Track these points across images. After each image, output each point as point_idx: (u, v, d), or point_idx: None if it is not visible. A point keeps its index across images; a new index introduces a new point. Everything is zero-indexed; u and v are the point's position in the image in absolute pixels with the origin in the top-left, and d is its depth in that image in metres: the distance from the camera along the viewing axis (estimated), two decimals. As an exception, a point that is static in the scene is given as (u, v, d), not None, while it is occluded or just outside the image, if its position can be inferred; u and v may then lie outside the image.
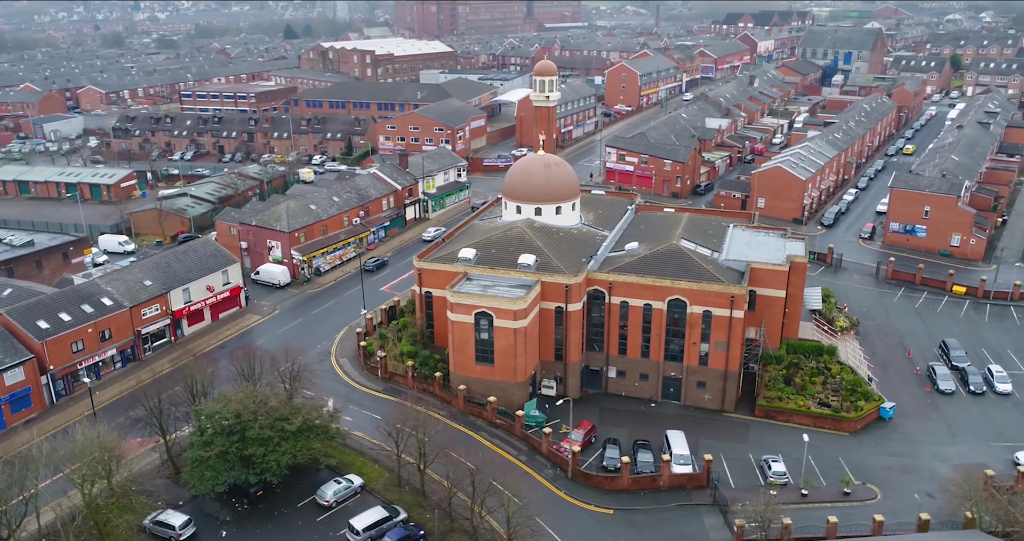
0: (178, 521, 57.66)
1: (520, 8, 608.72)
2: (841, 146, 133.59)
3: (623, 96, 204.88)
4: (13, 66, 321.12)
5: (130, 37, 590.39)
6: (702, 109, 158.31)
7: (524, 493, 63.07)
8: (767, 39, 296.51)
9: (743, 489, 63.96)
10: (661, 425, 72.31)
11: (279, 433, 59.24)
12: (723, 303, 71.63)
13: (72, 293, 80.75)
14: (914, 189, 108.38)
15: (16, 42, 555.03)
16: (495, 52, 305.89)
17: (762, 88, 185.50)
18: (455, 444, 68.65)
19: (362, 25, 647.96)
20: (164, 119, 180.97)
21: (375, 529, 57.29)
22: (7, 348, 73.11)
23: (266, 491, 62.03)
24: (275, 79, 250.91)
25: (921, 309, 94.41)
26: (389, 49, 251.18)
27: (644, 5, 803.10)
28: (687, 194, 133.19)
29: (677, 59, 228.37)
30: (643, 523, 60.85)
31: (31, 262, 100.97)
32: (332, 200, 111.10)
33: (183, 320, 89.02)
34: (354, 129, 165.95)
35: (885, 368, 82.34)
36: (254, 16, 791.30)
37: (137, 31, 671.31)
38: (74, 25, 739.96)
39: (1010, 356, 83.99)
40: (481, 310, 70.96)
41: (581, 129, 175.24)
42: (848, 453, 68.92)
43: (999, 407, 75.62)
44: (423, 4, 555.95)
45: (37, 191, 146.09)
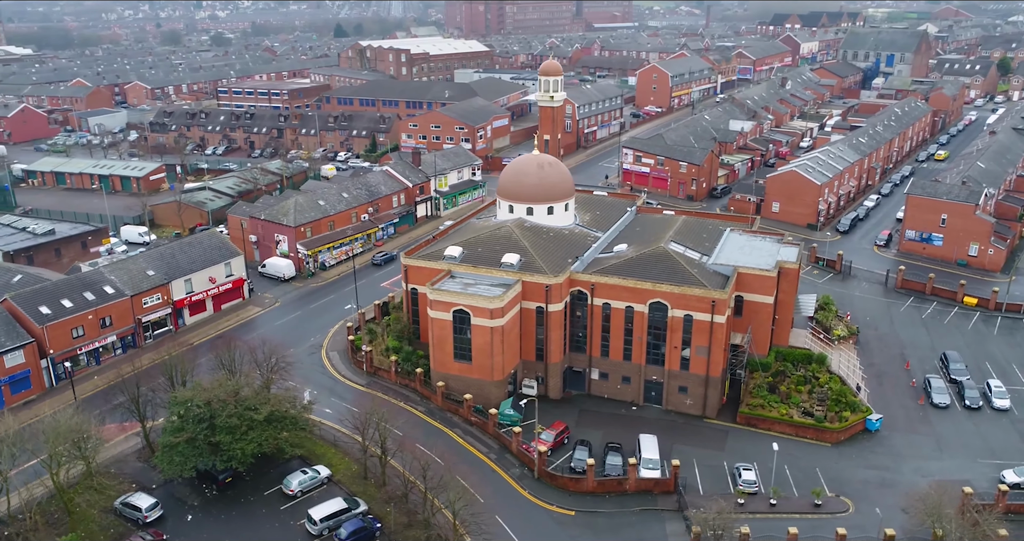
0: (145, 503, 59.47)
1: (569, 8, 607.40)
2: (864, 151, 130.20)
3: (654, 97, 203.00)
4: (70, 62, 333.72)
5: (189, 35, 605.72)
6: (727, 111, 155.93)
7: (488, 491, 63.69)
8: (811, 40, 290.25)
9: (711, 496, 63.01)
10: (639, 428, 71.74)
11: (246, 422, 60.58)
12: (704, 307, 70.69)
13: (75, 281, 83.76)
14: (931, 196, 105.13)
15: (82, 39, 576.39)
16: (533, 52, 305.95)
17: (794, 90, 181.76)
18: (427, 439, 69.56)
19: (413, 24, 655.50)
20: (199, 114, 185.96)
21: (332, 520, 58.15)
22: (9, 332, 76.21)
23: (235, 478, 63.43)
24: (313, 76, 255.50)
25: (928, 320, 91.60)
26: (425, 48, 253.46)
27: (698, 5, 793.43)
28: (703, 197, 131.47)
29: (712, 60, 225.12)
30: (603, 526, 60.51)
31: (50, 250, 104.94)
32: (341, 196, 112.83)
33: (184, 310, 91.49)
34: (379, 127, 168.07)
35: (880, 379, 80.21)
36: (310, 15, 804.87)
37: (197, 29, 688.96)
38: (138, 23, 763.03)
39: (1015, 371, 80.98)
40: (459, 308, 71.39)
41: (606, 130, 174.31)
42: (826, 464, 67.40)
43: (994, 423, 73.01)
44: (471, 4, 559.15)
45: (72, 182, 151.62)
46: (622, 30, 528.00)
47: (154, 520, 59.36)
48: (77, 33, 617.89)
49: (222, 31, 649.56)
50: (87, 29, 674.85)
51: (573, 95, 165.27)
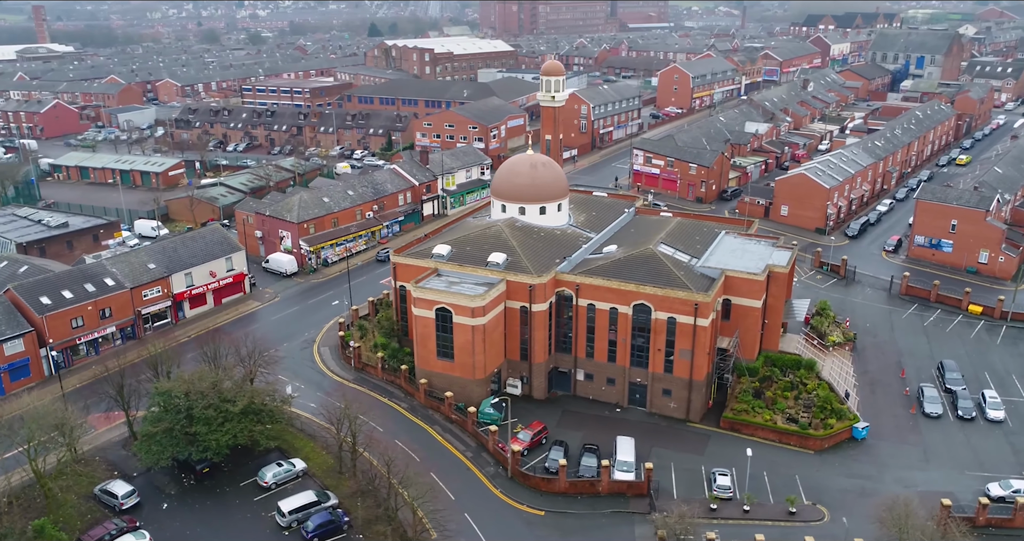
0: (122, 491, 60.86)
1: (603, 8, 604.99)
2: (879, 154, 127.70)
3: (675, 98, 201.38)
4: (108, 59, 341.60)
5: (229, 33, 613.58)
6: (743, 113, 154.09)
7: (460, 488, 64.12)
8: (843, 42, 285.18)
9: (684, 501, 62.52)
10: (621, 431, 71.39)
11: (223, 414, 61.65)
12: (687, 310, 70.09)
13: (77, 272, 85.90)
14: (941, 201, 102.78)
15: (125, 37, 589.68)
16: (560, 52, 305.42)
17: (816, 92, 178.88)
18: (407, 436, 70.36)
19: (448, 23, 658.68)
20: (222, 112, 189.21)
21: (301, 512, 58.91)
22: (10, 321, 78.47)
23: (213, 469, 64.57)
24: (339, 75, 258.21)
25: (930, 327, 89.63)
26: (449, 48, 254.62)
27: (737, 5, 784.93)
28: (713, 199, 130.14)
29: (737, 61, 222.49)
30: (572, 527, 60.38)
31: (63, 242, 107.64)
32: (346, 194, 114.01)
33: (184, 303, 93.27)
34: (395, 125, 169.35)
35: (873, 387, 78.77)
36: (348, 14, 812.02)
37: (237, 28, 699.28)
38: (181, 21, 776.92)
39: (1014, 382, 78.92)
40: (441, 306, 71.75)
41: (623, 130, 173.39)
42: (807, 472, 66.44)
43: (986, 434, 71.27)
44: (505, 4, 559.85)
45: (95, 176, 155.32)
46: (655, 30, 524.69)
47: (130, 507, 60.71)
48: (121, 31, 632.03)
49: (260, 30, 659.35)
50: (131, 27, 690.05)
51: (588, 95, 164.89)
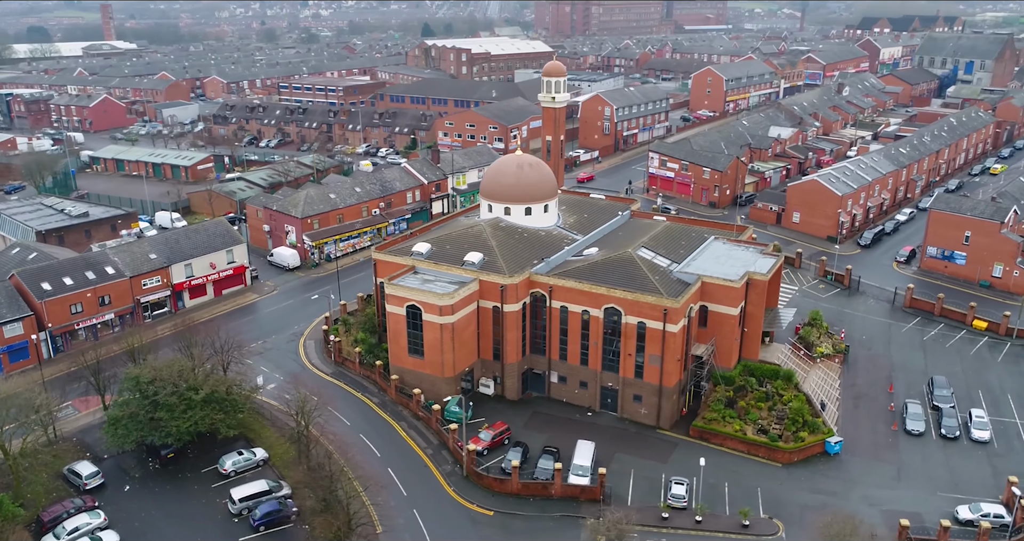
0: (86, 471, 63.12)
1: (657, 10, 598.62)
2: (902, 162, 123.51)
3: (708, 101, 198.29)
4: (165, 56, 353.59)
5: (291, 32, 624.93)
6: (769, 117, 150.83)
7: (414, 485, 64.65)
8: (894, 45, 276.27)
9: (637, 508, 61.82)
10: (587, 434, 70.78)
11: (185, 401, 63.39)
12: (656, 315, 69.16)
13: (80, 260, 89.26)
14: (955, 212, 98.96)
15: (190, 35, 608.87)
16: (602, 53, 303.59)
17: (852, 97, 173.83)
18: (371, 430, 71.43)
19: (502, 24, 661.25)
20: (257, 108, 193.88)
21: (252, 500, 60.16)
22: (11, 305, 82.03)
23: (179, 455, 66.43)
24: (380, 74, 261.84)
25: (929, 342, 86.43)
26: (487, 48, 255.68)
27: (803, 6, 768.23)
28: (727, 204, 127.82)
29: (776, 64, 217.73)
30: (517, 528, 60.22)
31: (81, 231, 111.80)
32: (354, 190, 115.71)
33: (184, 293, 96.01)
34: (420, 124, 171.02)
35: (857, 401, 76.44)
36: (407, 14, 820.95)
37: (299, 27, 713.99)
38: (246, 20, 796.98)
39: (1008, 402, 75.58)
40: (412, 303, 72.34)
41: (648, 133, 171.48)
42: (770, 485, 64.88)
43: (967, 455, 68.43)
44: (558, 5, 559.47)
45: (130, 169, 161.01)
46: (709, 33, 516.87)
47: (94, 488, 62.91)
48: (187, 30, 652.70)
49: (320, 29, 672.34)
50: (197, 26, 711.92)
51: (612, 97, 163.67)
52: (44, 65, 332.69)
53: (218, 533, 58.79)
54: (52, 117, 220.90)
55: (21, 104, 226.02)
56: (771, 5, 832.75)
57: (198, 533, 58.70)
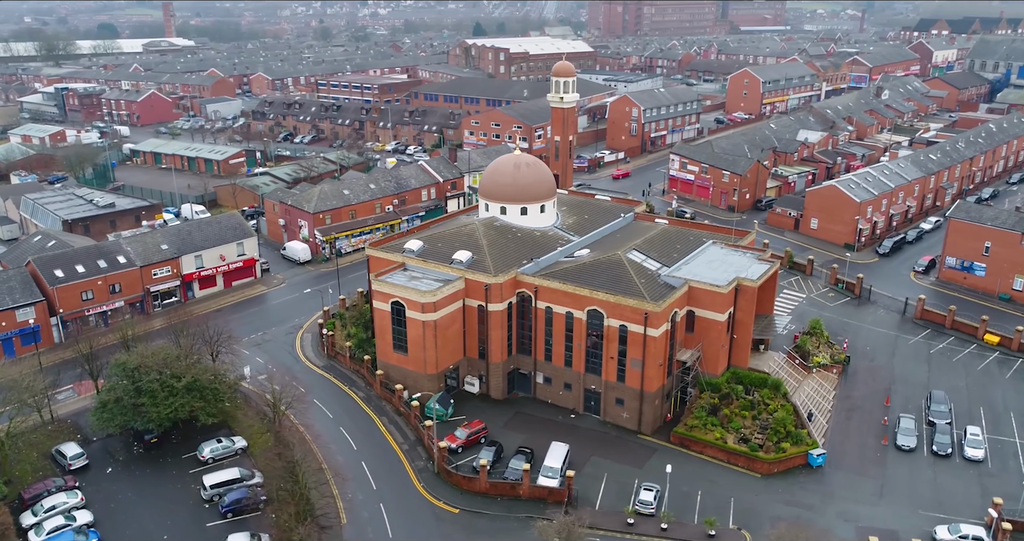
0: (71, 452, 65.48)
1: (712, 10, 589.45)
2: (930, 169, 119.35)
3: (744, 103, 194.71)
4: (218, 53, 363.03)
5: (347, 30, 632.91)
6: (799, 120, 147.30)
7: (385, 479, 65.33)
8: (948, 48, 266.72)
9: (604, 513, 61.43)
10: (567, 436, 70.52)
11: (167, 388, 65.21)
12: (638, 319, 68.39)
13: (93, 249, 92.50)
14: (975, 221, 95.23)
15: (250, 33, 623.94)
16: (644, 53, 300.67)
17: (891, 101, 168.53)
18: (352, 423, 72.49)
19: (555, 23, 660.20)
20: (294, 105, 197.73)
21: (223, 487, 61.57)
22: (25, 290, 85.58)
23: (163, 440, 68.35)
24: (421, 73, 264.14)
25: (936, 355, 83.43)
26: (526, 48, 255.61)
27: (868, 6, 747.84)
28: (747, 208, 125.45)
29: (818, 67, 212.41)
30: (480, 527, 60.28)
31: (106, 221, 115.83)
32: (368, 187, 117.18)
33: (194, 283, 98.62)
34: (448, 123, 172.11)
35: (851, 413, 74.31)
36: (463, 14, 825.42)
37: (356, 25, 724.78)
38: (307, 19, 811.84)
39: (1010, 420, 72.47)
40: (396, 299, 73.02)
41: (679, 135, 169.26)
42: (745, 495, 63.57)
43: (957, 474, 65.89)
44: (610, 4, 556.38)
45: (167, 162, 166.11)
46: (764, 34, 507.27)
47: (79, 468, 65.17)
48: (247, 28, 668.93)
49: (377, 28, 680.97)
50: (258, 24, 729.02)
51: (640, 98, 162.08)
52: (104, 61, 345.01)
53: (188, 517, 60.34)
54: (103, 111, 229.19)
55: (75, 98, 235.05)
56: (835, 6, 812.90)
57: (169, 516, 60.34)
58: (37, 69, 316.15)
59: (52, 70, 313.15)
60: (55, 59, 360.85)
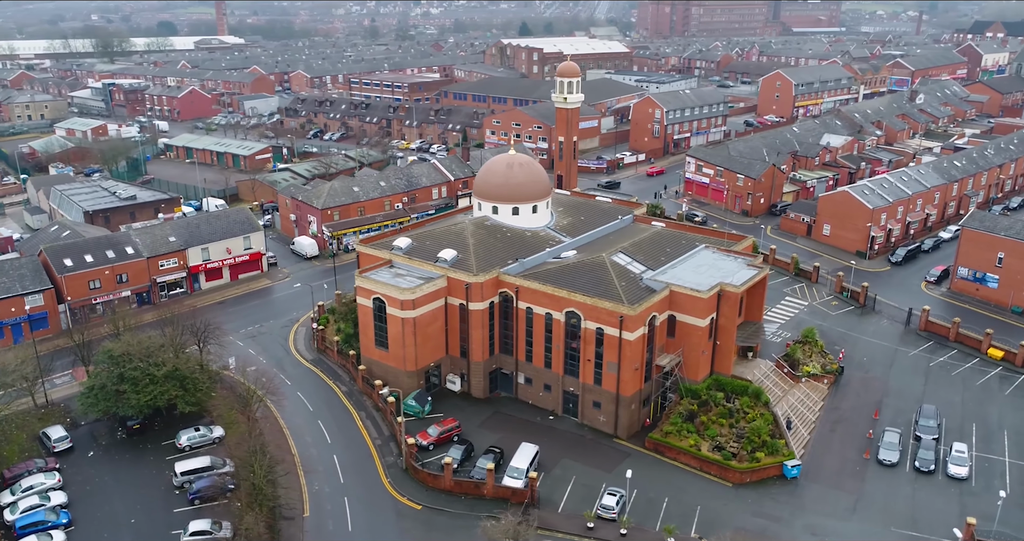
0: (55, 435, 67.82)
1: (762, 11, 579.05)
2: (953, 176, 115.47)
3: (776, 106, 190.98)
4: (264, 51, 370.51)
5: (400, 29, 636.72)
6: (824, 124, 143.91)
7: (353, 473, 66.06)
8: (999, 51, 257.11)
9: (566, 515, 61.18)
10: (543, 438, 70.39)
11: (148, 376, 67.04)
12: (613, 322, 67.83)
13: (103, 240, 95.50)
14: (988, 231, 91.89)
15: (303, 31, 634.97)
16: (683, 55, 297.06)
17: (927, 105, 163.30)
18: (330, 417, 73.46)
19: (604, 23, 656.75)
20: (325, 102, 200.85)
21: (194, 475, 63.07)
22: (35, 278, 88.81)
23: (146, 427, 70.29)
24: (457, 72, 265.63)
25: (935, 369, 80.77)
26: (560, 48, 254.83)
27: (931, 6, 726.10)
28: (761, 213, 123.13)
29: (856, 70, 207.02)
30: (439, 524, 60.56)
31: (127, 213, 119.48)
32: (378, 184, 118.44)
33: (200, 275, 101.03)
34: (472, 122, 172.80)
35: (836, 425, 72.47)
36: (513, 14, 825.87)
37: (408, 25, 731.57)
38: (359, 18, 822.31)
39: (1003, 438, 69.74)
40: (377, 296, 73.79)
41: (704, 137, 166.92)
42: (713, 504, 62.55)
43: (938, 491, 63.72)
44: (658, 5, 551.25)
45: (197, 157, 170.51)
46: (815, 35, 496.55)
47: (62, 451, 67.46)
48: (299, 27, 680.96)
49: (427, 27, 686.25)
50: (311, 23, 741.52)
51: (663, 99, 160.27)
52: (155, 57, 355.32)
53: (158, 502, 61.94)
54: (146, 106, 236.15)
55: (120, 93, 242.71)
56: (896, 6, 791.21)
57: (140, 501, 62.04)
58: (91, 65, 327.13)
59: (104, 66, 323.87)
60: (110, 56, 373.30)
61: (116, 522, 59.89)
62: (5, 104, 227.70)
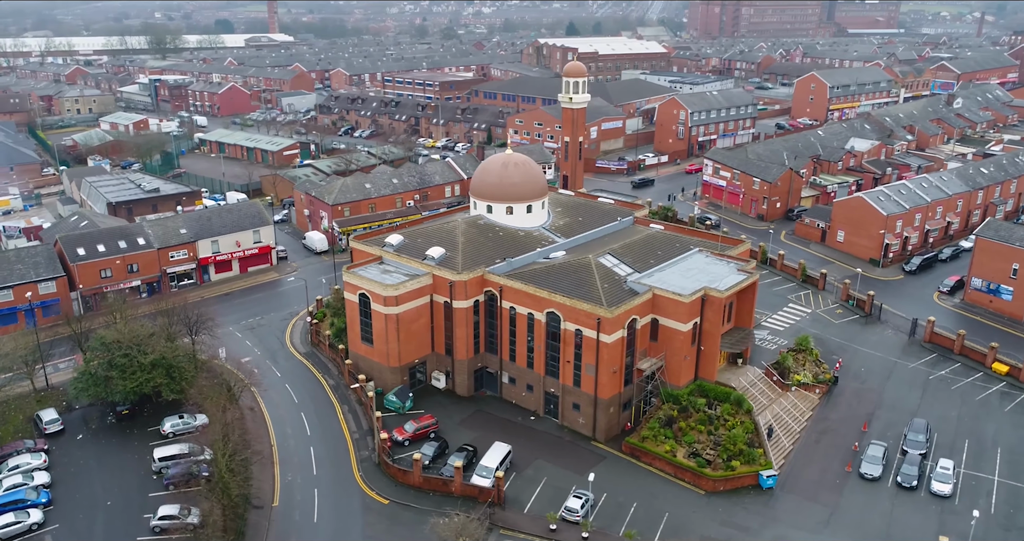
0: (47, 417, 70.32)
1: (816, 11, 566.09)
2: (979, 183, 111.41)
3: (810, 109, 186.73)
4: (309, 49, 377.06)
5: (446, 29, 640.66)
6: (852, 128, 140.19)
7: (327, 465, 66.93)
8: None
9: (530, 516, 61.06)
10: (520, 437, 70.40)
11: (134, 363, 69.04)
12: (592, 323, 67.41)
13: (116, 230, 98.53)
14: (1003, 240, 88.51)
15: (354, 30, 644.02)
16: (723, 56, 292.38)
17: (965, 109, 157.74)
18: (313, 409, 74.57)
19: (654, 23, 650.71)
20: (357, 100, 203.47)
21: (171, 461, 64.73)
22: (49, 265, 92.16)
23: (135, 413, 72.39)
24: (493, 71, 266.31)
25: (935, 382, 78.19)
26: (596, 47, 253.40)
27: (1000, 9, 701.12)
28: (777, 217, 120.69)
29: (897, 72, 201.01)
30: (404, 519, 60.98)
31: (149, 205, 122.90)
32: (391, 182, 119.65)
33: (210, 267, 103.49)
34: (497, 121, 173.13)
35: (822, 436, 70.76)
36: (566, 13, 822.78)
37: (459, 24, 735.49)
38: (412, 17, 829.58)
39: (995, 456, 67.17)
40: (362, 291, 74.63)
41: (731, 139, 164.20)
42: (681, 511, 61.71)
43: (919, 508, 61.72)
44: (708, 5, 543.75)
45: (229, 151, 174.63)
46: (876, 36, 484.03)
47: (53, 433, 69.91)
48: (352, 25, 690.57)
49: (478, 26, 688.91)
50: (364, 21, 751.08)
51: (688, 101, 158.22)
52: (205, 54, 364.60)
53: (135, 485, 63.74)
54: (188, 101, 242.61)
55: (165, 89, 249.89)
56: (962, 7, 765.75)
57: (118, 484, 63.93)
58: (142, 61, 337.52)
59: (156, 62, 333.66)
60: (162, 52, 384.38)
61: (93, 503, 61.82)
62: (56, 98, 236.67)
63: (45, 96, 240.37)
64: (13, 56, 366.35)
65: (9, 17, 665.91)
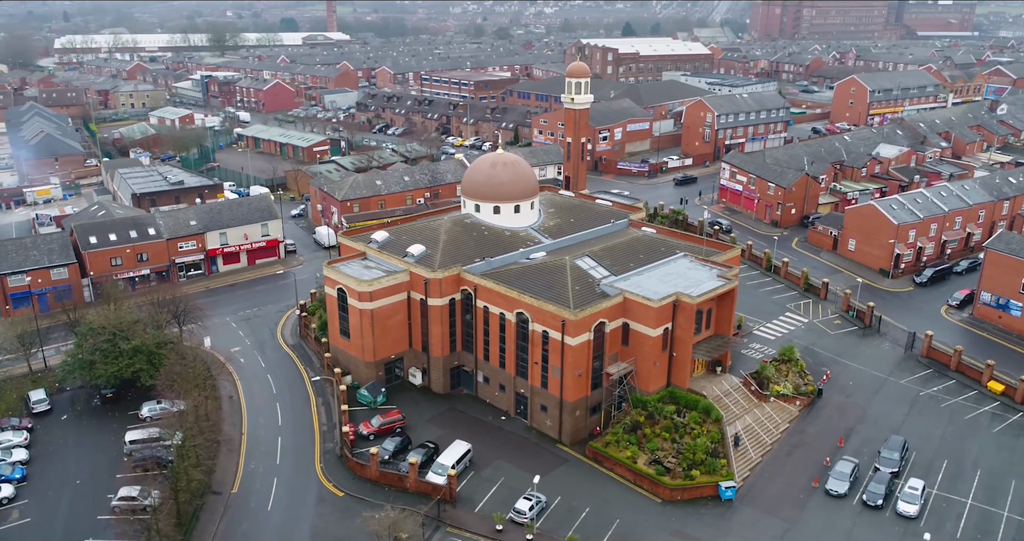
0: (35, 397, 73.53)
1: (881, 12, 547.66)
2: (1004, 193, 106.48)
3: (849, 113, 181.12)
4: (361, 48, 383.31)
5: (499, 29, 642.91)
6: (882, 133, 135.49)
7: (290, 456, 68.28)
8: None
9: (480, 516, 61.20)
10: (487, 437, 70.59)
11: (116, 348, 71.65)
12: (557, 325, 67.08)
13: (128, 220, 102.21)
14: (1013, 254, 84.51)
15: (414, 29, 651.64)
16: (772, 58, 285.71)
17: (1008, 116, 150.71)
18: (289, 400, 76.07)
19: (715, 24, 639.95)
20: (392, 98, 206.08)
21: (141, 444, 66.98)
22: (62, 252, 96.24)
23: (119, 396, 75.11)
24: (535, 71, 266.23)
25: (924, 399, 75.22)
26: (637, 48, 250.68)
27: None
28: (792, 224, 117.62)
29: (945, 77, 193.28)
30: (355, 512, 61.38)
31: (171, 197, 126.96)
32: (402, 179, 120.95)
33: (218, 258, 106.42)
34: (525, 120, 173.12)
35: (794, 449, 68.90)
36: (628, 13, 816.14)
37: (520, 24, 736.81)
38: (473, 16, 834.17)
39: (972, 479, 64.26)
40: (340, 286, 75.80)
41: (761, 142, 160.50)
42: (633, 518, 60.96)
43: (881, 528, 59.60)
44: (768, 6, 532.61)
45: (263, 147, 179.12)
46: (949, 38, 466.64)
47: (40, 412, 73.07)
48: (413, 25, 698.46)
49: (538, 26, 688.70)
50: (426, 21, 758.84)
51: (715, 103, 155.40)
52: (262, 52, 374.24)
53: (104, 466, 66.14)
54: (235, 97, 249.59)
55: (215, 85, 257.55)
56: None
57: (90, 463, 66.49)
58: (200, 58, 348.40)
59: (212, 59, 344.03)
60: (221, 49, 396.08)
61: (64, 481, 64.43)
62: (112, 93, 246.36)
63: (102, 90, 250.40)
64: (83, 52, 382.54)
65: (91, 14, 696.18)
